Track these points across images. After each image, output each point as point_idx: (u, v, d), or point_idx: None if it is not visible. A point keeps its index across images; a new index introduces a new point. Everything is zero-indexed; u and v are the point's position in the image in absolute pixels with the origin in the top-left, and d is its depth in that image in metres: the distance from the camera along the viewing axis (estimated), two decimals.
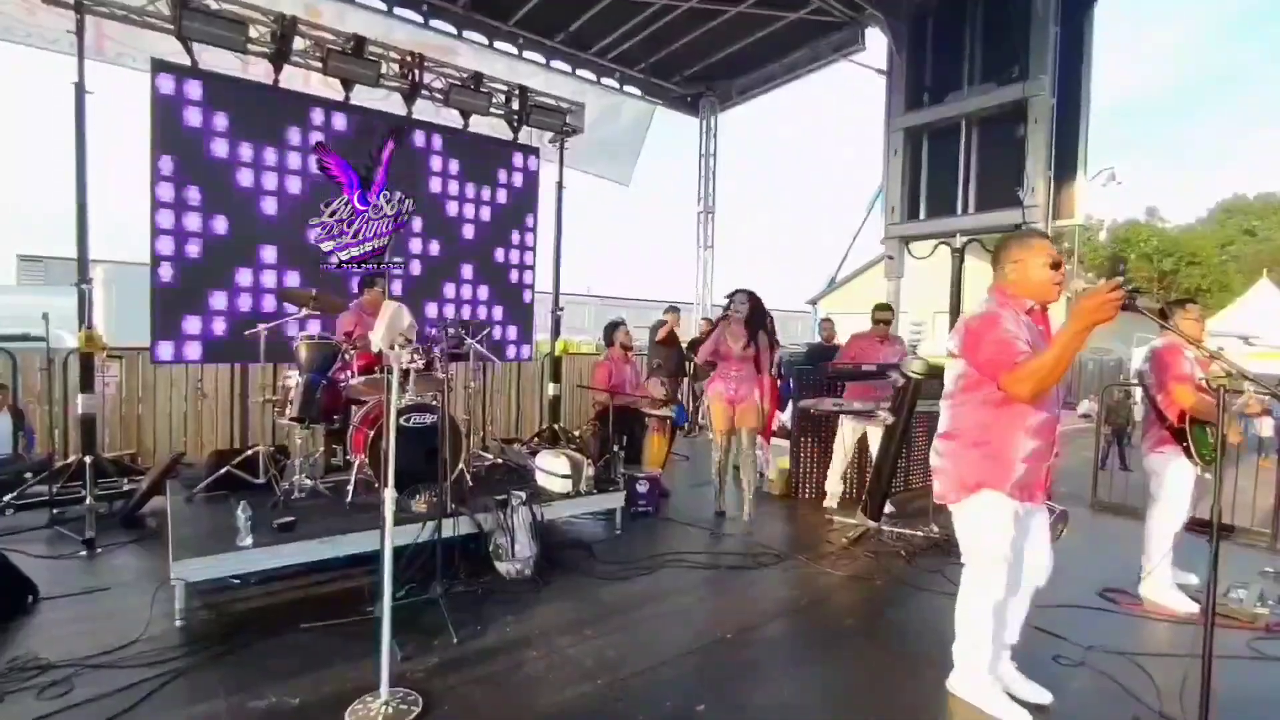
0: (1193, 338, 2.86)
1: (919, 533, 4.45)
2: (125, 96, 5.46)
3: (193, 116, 4.78)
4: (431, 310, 6.04)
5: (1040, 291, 2.26)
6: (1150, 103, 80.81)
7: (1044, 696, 2.48)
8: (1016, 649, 2.56)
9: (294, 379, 4.13)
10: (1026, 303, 2.27)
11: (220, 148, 4.90)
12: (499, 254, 6.52)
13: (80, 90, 4.42)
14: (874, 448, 5.05)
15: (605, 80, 7.85)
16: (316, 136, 5.31)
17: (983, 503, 2.28)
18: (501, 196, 6.48)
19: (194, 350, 4.94)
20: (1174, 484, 3.50)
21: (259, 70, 5.26)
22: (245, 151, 5.00)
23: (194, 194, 4.80)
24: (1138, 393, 4.26)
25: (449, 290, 6.20)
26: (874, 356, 5.06)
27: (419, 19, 6.30)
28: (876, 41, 6.94)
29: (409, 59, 5.71)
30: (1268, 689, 2.72)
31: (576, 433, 6.46)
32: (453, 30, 6.59)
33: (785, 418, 6.59)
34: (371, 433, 3.84)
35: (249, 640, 2.78)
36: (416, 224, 5.95)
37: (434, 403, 3.96)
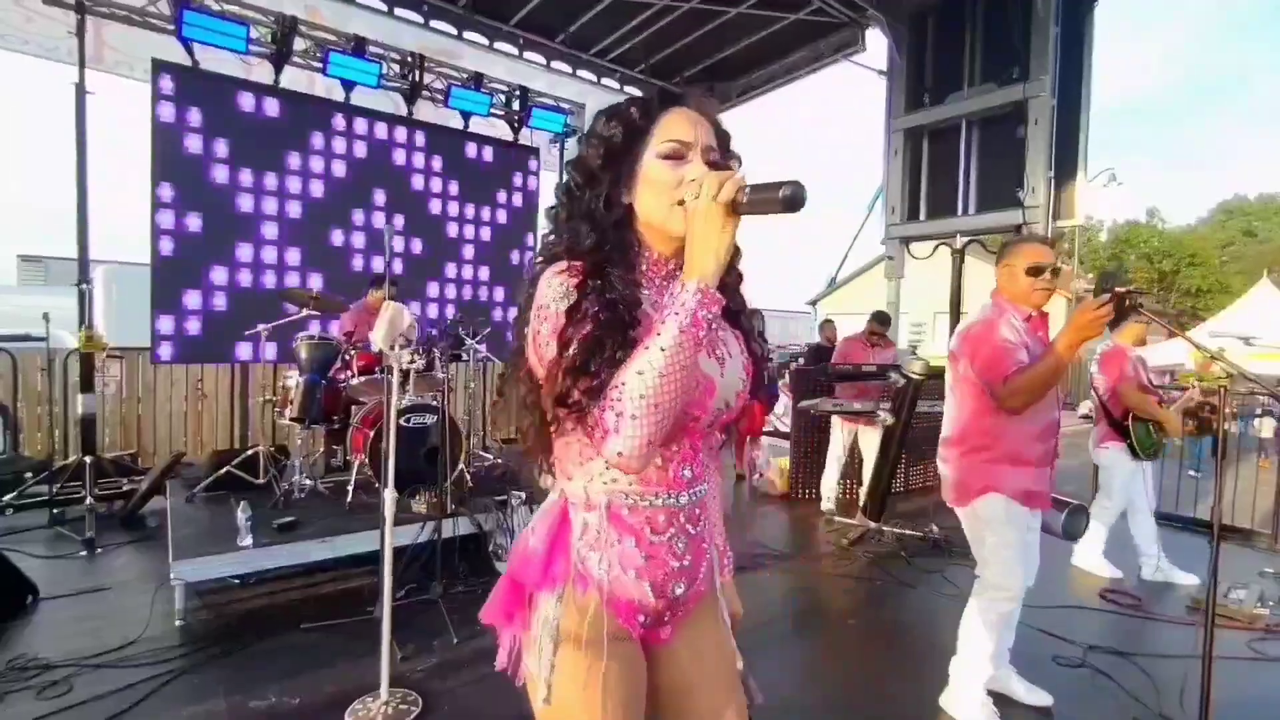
0: (1139, 338, 3.51)
1: (919, 533, 4.45)
2: (125, 99, 5.47)
3: (194, 117, 4.78)
4: (431, 309, 6.04)
5: (1023, 297, 2.27)
6: (1150, 103, 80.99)
7: (1044, 699, 2.47)
8: (1013, 650, 2.56)
9: (294, 379, 4.14)
10: (1025, 309, 2.27)
11: (222, 148, 4.89)
12: (500, 255, 6.52)
13: (81, 91, 4.43)
14: (865, 449, 5.06)
15: (606, 81, 7.82)
16: (319, 136, 5.32)
17: (988, 507, 2.28)
18: (501, 198, 6.48)
19: (194, 350, 4.93)
20: (1118, 476, 3.83)
21: (261, 72, 5.26)
22: (248, 152, 5.00)
23: (194, 195, 4.80)
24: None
25: (450, 291, 6.21)
26: (862, 359, 5.14)
27: (419, 19, 6.29)
28: (877, 42, 6.92)
29: (409, 59, 5.72)
30: (1267, 690, 2.72)
31: None
32: (453, 31, 6.58)
33: (776, 418, 6.59)
34: (371, 433, 3.83)
35: (249, 640, 2.78)
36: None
37: (434, 403, 3.96)
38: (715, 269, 0.85)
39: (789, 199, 0.79)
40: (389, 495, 2.36)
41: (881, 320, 5.34)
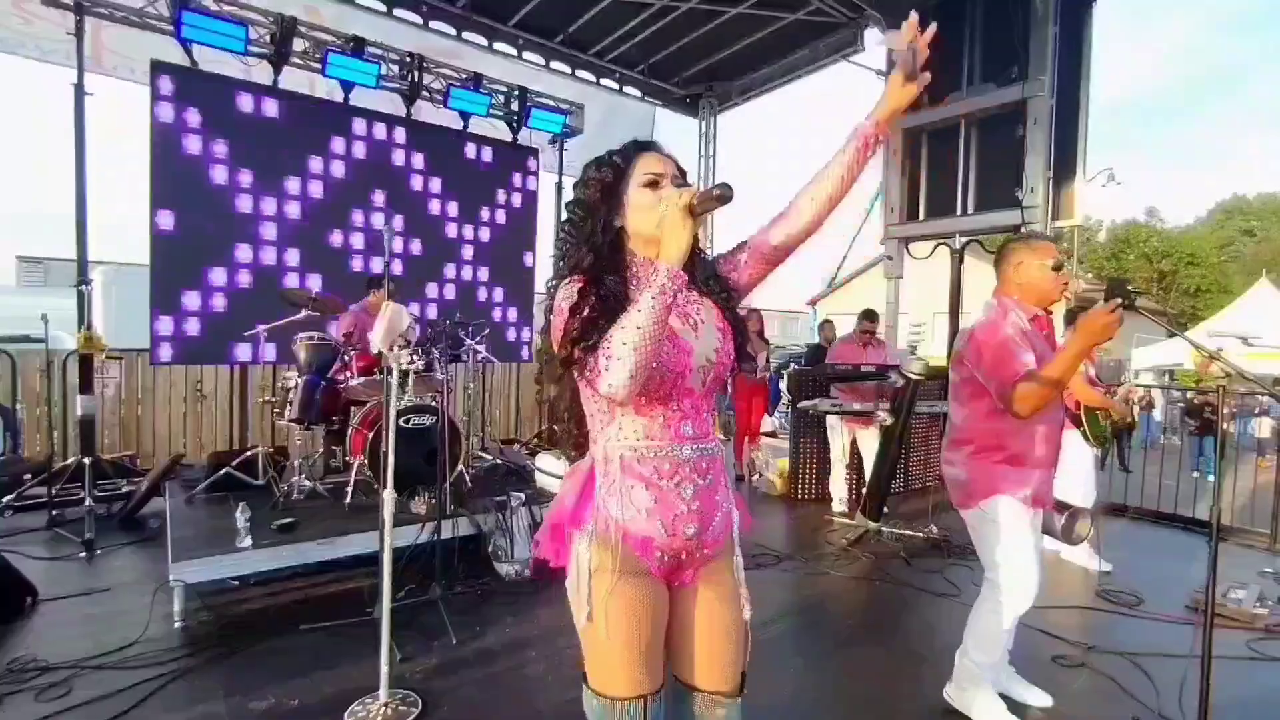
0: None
1: (919, 534, 4.45)
2: (124, 101, 5.46)
3: (193, 118, 4.77)
4: (431, 309, 6.04)
5: (1042, 294, 2.26)
6: (1150, 103, 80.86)
7: (1044, 700, 2.47)
8: (1012, 650, 2.55)
9: (293, 380, 4.13)
10: (1031, 309, 2.26)
11: (221, 149, 4.88)
12: (498, 255, 6.52)
13: (79, 92, 4.43)
14: (863, 450, 5.05)
15: (605, 81, 7.82)
16: (318, 137, 5.31)
17: (999, 510, 2.26)
18: (501, 198, 6.48)
19: (193, 351, 4.93)
20: (1074, 462, 3.92)
21: (260, 73, 5.26)
22: (247, 153, 4.99)
23: (194, 196, 4.80)
24: (1136, 393, 4.39)
25: (449, 291, 6.21)
26: (857, 359, 5.17)
27: (418, 20, 6.29)
28: (875, 42, 6.94)
29: (408, 60, 5.72)
30: (1266, 690, 2.73)
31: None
32: (452, 31, 6.58)
33: (775, 419, 6.57)
34: (371, 434, 3.83)
35: (248, 642, 2.78)
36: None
37: (433, 404, 3.96)
38: (679, 256, 1.12)
39: (720, 195, 1.12)
40: (388, 496, 2.36)
41: (870, 318, 5.35)
